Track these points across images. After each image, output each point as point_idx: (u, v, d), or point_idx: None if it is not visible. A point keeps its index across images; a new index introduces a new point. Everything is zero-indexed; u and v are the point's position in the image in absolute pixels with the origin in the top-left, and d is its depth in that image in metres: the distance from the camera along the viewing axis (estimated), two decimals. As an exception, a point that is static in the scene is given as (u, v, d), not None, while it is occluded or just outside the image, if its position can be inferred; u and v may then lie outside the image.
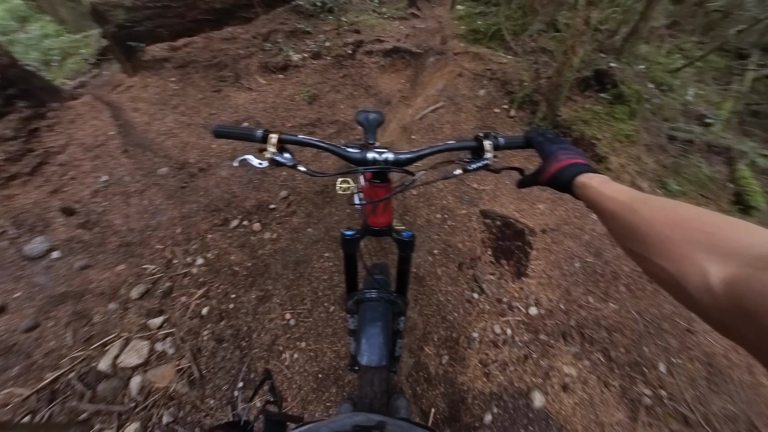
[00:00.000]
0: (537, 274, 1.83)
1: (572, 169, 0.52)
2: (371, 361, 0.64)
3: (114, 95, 3.09)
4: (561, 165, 0.54)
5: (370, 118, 1.20)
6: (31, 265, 1.91)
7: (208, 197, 2.18)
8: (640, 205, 0.37)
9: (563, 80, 2.33)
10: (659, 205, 0.36)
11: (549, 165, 0.56)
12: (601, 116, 2.55)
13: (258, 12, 4.03)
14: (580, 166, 0.52)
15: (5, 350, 1.60)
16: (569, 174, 0.52)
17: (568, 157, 0.54)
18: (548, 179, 0.56)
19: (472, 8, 4.34)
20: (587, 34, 2.19)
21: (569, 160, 0.54)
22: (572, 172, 0.51)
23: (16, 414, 1.43)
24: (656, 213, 0.35)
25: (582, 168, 0.52)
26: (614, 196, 0.42)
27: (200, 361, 1.49)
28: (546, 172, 0.56)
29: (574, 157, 0.55)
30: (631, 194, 0.41)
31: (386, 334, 0.69)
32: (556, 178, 0.54)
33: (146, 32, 3.52)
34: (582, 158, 0.55)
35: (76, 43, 5.04)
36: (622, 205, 0.39)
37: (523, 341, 1.61)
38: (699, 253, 0.28)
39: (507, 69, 3.02)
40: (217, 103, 2.96)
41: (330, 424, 0.49)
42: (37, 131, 2.47)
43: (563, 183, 0.53)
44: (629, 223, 0.37)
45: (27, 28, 5.75)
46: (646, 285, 1.89)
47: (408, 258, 0.76)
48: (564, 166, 0.53)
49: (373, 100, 3.19)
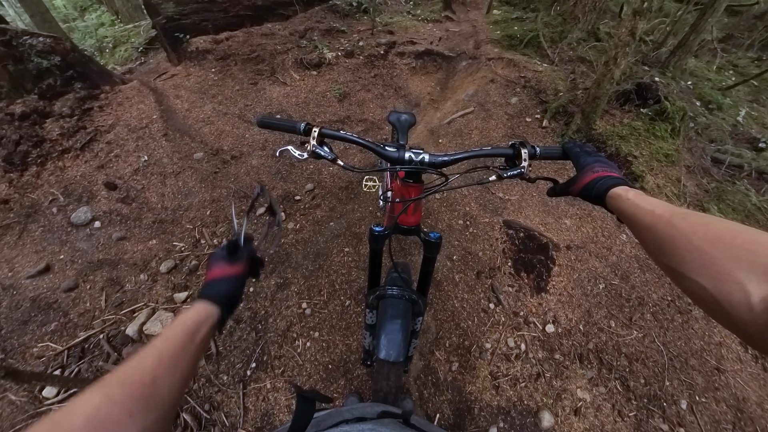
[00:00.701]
0: (557, 291, 1.77)
1: (607, 180, 0.51)
2: (389, 355, 0.65)
3: (158, 82, 3.28)
4: (595, 176, 0.53)
5: (401, 119, 1.21)
6: (76, 231, 2.07)
7: (238, 184, 2.27)
8: (679, 219, 0.36)
9: (602, 92, 2.24)
10: (699, 220, 0.34)
11: (583, 175, 0.55)
12: (639, 132, 2.43)
13: (296, 10, 4.17)
14: (616, 179, 0.52)
15: (46, 306, 1.74)
16: (603, 185, 0.51)
17: (604, 170, 0.54)
18: (581, 189, 0.55)
19: (509, 13, 4.28)
20: (632, 45, 2.10)
21: (604, 173, 0.53)
22: (607, 183, 0.51)
23: (49, 366, 1.55)
24: (696, 228, 0.34)
25: (617, 181, 0.51)
26: (651, 209, 0.41)
27: (218, 339, 1.56)
28: (579, 182, 0.56)
29: (609, 170, 0.54)
30: (669, 208, 0.40)
31: (405, 331, 0.69)
32: (589, 188, 0.53)
33: (192, 25, 3.74)
34: (617, 172, 0.54)
35: (127, 32, 5.42)
36: (660, 218, 0.38)
37: (536, 358, 1.56)
38: (740, 270, 0.28)
39: (542, 77, 2.94)
40: (252, 95, 3.09)
41: (353, 410, 0.50)
42: (90, 111, 2.67)
43: (596, 194, 0.52)
44: (667, 237, 0.36)
45: (86, 17, 6.26)
46: (675, 316, 1.78)
47: (433, 259, 0.76)
48: (598, 177, 0.53)
49: (402, 102, 3.20)
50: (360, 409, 0.51)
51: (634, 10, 2.00)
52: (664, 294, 1.84)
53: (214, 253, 0.53)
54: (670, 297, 1.84)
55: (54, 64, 2.53)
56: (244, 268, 0.51)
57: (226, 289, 0.46)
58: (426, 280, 0.79)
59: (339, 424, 0.44)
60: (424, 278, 0.78)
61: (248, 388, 1.43)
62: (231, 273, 0.48)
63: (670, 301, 1.82)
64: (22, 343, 1.61)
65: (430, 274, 0.78)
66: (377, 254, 0.77)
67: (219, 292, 0.45)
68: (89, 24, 5.96)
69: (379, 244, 0.76)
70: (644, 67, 2.95)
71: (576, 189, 0.56)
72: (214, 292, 0.45)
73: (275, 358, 1.48)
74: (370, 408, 0.52)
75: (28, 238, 2.04)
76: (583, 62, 3.16)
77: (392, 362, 0.66)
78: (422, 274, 0.78)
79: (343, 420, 0.46)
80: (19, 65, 2.44)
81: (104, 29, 5.73)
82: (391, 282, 0.79)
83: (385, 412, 0.48)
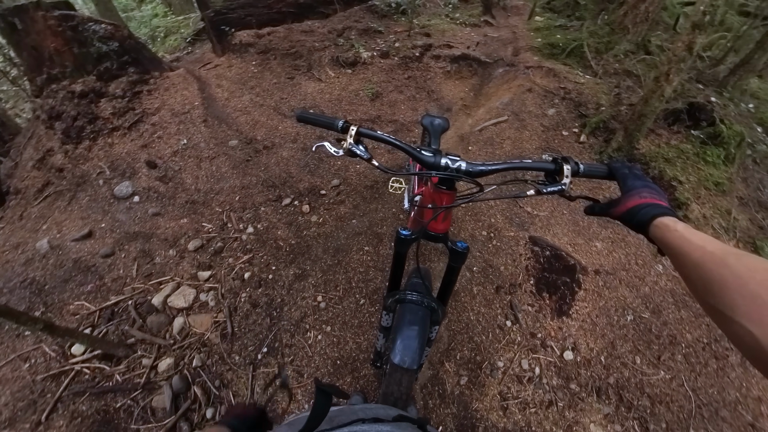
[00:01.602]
0: (581, 317, 1.68)
1: (653, 209, 0.49)
2: (404, 361, 0.64)
3: (202, 71, 3.46)
4: (642, 202, 0.51)
5: (435, 124, 1.19)
6: (117, 203, 2.22)
7: (267, 173, 2.35)
8: (734, 259, 0.34)
9: (649, 110, 2.11)
10: (757, 264, 0.32)
11: (628, 199, 0.53)
12: (688, 156, 2.26)
13: (336, 9, 4.26)
14: (663, 208, 0.49)
15: (86, 268, 1.88)
16: (649, 213, 0.49)
17: (652, 197, 0.51)
18: (623, 213, 0.53)
19: (552, 20, 4.13)
20: (688, 61, 1.96)
21: (651, 200, 0.51)
22: (652, 212, 0.48)
23: (81, 324, 1.68)
24: (753, 272, 0.31)
25: (664, 210, 0.48)
26: (702, 244, 0.39)
27: (234, 319, 1.61)
28: (623, 205, 0.53)
29: (657, 198, 0.52)
30: (722, 246, 0.37)
31: (422, 339, 0.68)
32: (632, 213, 0.51)
33: (237, 19, 3.92)
34: (665, 202, 0.52)
35: (177, 23, 5.79)
36: (712, 256, 0.36)
37: (550, 385, 1.49)
38: None
39: (583, 89, 2.81)
40: (288, 89, 3.18)
41: (366, 410, 0.50)
42: (140, 94, 2.85)
43: (639, 221, 0.50)
44: (717, 277, 0.34)
45: (142, 8, 6.75)
46: (710, 360, 1.64)
47: (458, 269, 0.74)
48: (644, 203, 0.50)
49: (434, 105, 3.18)
50: (374, 410, 0.51)
51: (693, 23, 1.87)
52: (699, 335, 1.70)
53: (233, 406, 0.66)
54: (706, 339, 1.69)
55: (112, 49, 2.73)
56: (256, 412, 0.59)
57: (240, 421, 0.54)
58: (447, 290, 0.77)
59: (354, 422, 0.44)
60: (445, 287, 0.77)
61: (257, 371, 1.47)
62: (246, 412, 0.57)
63: (705, 344, 1.68)
64: (62, 299, 1.75)
65: (452, 283, 0.76)
66: (401, 257, 0.77)
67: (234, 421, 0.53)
68: (145, 14, 6.42)
69: (405, 247, 0.75)
70: (698, 85, 2.74)
71: (618, 212, 0.54)
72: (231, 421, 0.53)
73: (286, 346, 1.51)
74: (384, 410, 0.52)
75: (76, 205, 2.22)
76: (630, 76, 2.98)
77: (406, 368, 0.65)
78: (444, 283, 0.77)
79: (358, 419, 0.45)
80: (82, 48, 2.65)
81: (157, 20, 6.14)
82: (412, 287, 0.78)
83: (402, 416, 0.47)
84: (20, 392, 1.45)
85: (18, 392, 1.45)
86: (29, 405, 1.41)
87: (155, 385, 1.44)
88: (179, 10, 6.39)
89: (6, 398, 1.43)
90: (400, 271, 0.79)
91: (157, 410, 1.39)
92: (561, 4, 4.48)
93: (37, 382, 1.46)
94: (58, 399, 1.41)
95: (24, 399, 1.42)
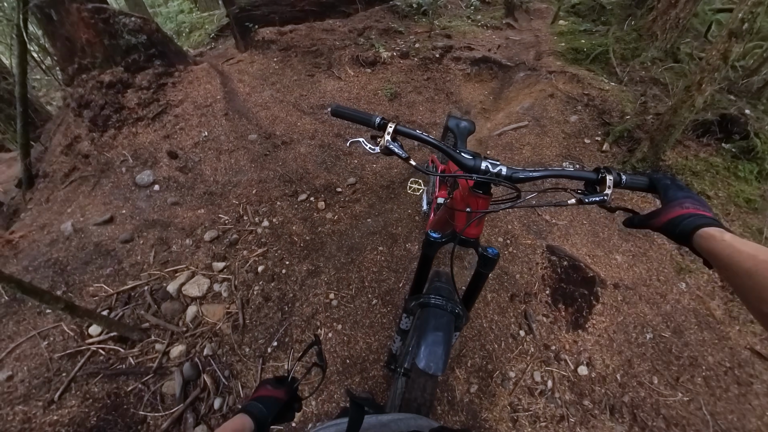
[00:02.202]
0: (597, 331, 1.63)
1: (697, 219, 0.48)
2: (429, 367, 0.63)
3: (225, 66, 3.53)
4: (684, 212, 0.50)
5: (461, 126, 1.17)
6: (138, 191, 2.28)
7: (285, 168, 2.37)
8: None
9: (678, 120, 2.03)
10: None
11: (670, 210, 0.52)
12: (718, 170, 2.16)
13: (358, 8, 4.28)
14: (708, 218, 0.48)
15: (106, 252, 1.93)
16: (692, 223, 0.47)
17: (695, 207, 0.50)
18: (664, 224, 0.51)
19: (577, 25, 4.04)
20: (722, 70, 1.88)
21: (695, 210, 0.49)
22: (696, 222, 0.47)
23: (99, 306, 1.72)
24: None
25: (709, 221, 0.47)
26: (754, 253, 0.38)
27: (246, 312, 1.63)
28: (664, 216, 0.52)
29: (701, 208, 0.50)
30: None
31: (447, 344, 0.66)
32: (674, 224, 0.50)
33: (261, 16, 3.99)
34: (710, 212, 0.50)
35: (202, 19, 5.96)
36: (765, 264, 0.35)
37: (563, 400, 1.44)
38: None
39: (608, 97, 2.74)
40: (308, 86, 3.21)
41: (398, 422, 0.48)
42: (165, 86, 2.93)
43: (682, 231, 0.48)
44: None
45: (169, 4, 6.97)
46: (732, 386, 1.56)
47: (486, 276, 0.72)
48: (687, 213, 0.49)
49: (453, 107, 3.15)
50: (405, 422, 0.49)
51: (730, 30, 1.79)
52: (722, 359, 1.62)
53: (265, 379, 0.63)
54: (729, 364, 1.62)
55: (140, 42, 2.81)
56: (284, 396, 0.58)
57: (265, 407, 0.53)
58: (473, 296, 0.75)
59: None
60: (471, 293, 0.75)
61: (266, 364, 1.47)
62: (273, 395, 0.56)
63: (728, 368, 1.60)
64: (82, 281, 1.80)
65: (479, 289, 0.74)
66: (428, 260, 0.75)
67: (258, 408, 0.52)
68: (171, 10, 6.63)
69: (434, 250, 0.73)
70: (729, 96, 2.63)
71: (658, 222, 0.53)
72: (254, 408, 0.52)
73: (296, 342, 1.51)
74: (414, 420, 0.50)
75: (99, 191, 2.28)
76: (657, 84, 2.89)
77: (431, 375, 0.63)
78: (471, 289, 0.75)
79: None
80: (112, 40, 2.74)
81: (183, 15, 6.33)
82: (436, 291, 0.77)
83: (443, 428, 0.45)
84: (37, 369, 1.49)
85: (35, 369, 1.49)
86: (44, 383, 1.44)
87: (167, 371, 1.47)
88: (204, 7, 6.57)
89: (23, 374, 1.48)
90: (425, 274, 0.77)
91: (167, 396, 1.41)
92: (586, 8, 4.39)
93: (53, 360, 1.51)
94: (72, 379, 1.44)
95: (40, 376, 1.46)
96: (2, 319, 1.66)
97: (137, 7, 5.30)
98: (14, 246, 1.99)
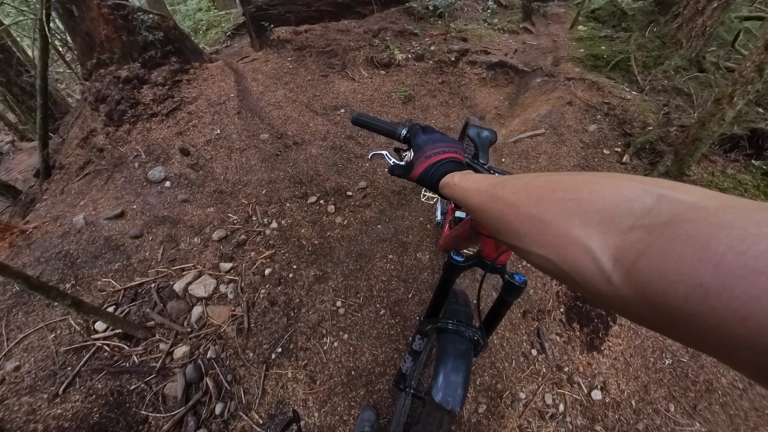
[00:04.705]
0: (613, 354, 1.55)
1: (442, 167, 0.46)
2: (447, 401, 0.58)
3: (240, 64, 3.54)
4: (430, 161, 0.47)
5: (482, 136, 1.12)
6: (149, 186, 2.29)
7: (295, 169, 2.35)
8: (501, 189, 0.32)
9: (705, 134, 1.94)
10: (520, 183, 0.30)
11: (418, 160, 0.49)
12: (746, 187, 2.06)
13: (373, 9, 4.26)
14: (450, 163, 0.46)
15: (115, 247, 1.94)
16: (437, 173, 0.46)
17: (441, 152, 0.48)
18: (419, 177, 0.49)
19: (597, 30, 3.94)
20: (756, 83, 1.79)
21: (439, 156, 0.47)
22: (440, 171, 0.46)
23: (106, 301, 1.72)
24: (518, 193, 0.29)
25: (451, 166, 0.46)
26: (476, 186, 0.36)
27: (252, 315, 1.60)
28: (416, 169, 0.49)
29: (447, 151, 0.48)
30: (492, 180, 0.35)
31: (466, 375, 0.62)
32: (425, 176, 0.48)
33: (277, 15, 4.00)
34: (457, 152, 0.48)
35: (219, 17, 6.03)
36: (485, 194, 0.34)
37: (574, 424, 1.38)
38: (575, 228, 0.22)
39: (629, 106, 2.66)
40: (321, 86, 3.19)
41: None
42: (180, 83, 2.94)
43: (430, 183, 0.47)
44: (497, 213, 0.31)
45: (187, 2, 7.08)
46: (750, 413, 1.48)
47: (511, 303, 0.67)
48: (433, 162, 0.47)
49: (467, 113, 3.10)
50: None
51: (766, 41, 1.70)
52: (733, 379, 1.55)
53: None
54: (741, 385, 1.54)
55: (158, 38, 2.83)
56: None
57: None
58: (494, 322, 0.70)
59: None
60: (493, 319, 0.70)
61: (270, 371, 1.44)
62: None
63: (741, 390, 1.52)
64: (91, 274, 1.81)
65: (501, 317, 0.69)
66: (449, 283, 0.70)
67: None
68: (189, 8, 6.74)
69: (456, 274, 0.68)
70: (758, 109, 2.52)
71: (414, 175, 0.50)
72: None
73: (301, 349, 1.48)
74: None
75: (112, 185, 2.30)
76: (680, 94, 2.78)
77: (448, 410, 0.59)
78: (492, 315, 0.70)
79: None
80: (130, 36, 2.77)
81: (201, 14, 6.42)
82: (453, 314, 0.72)
83: None
84: (43, 362, 1.49)
85: (41, 361, 1.49)
86: (50, 375, 1.45)
87: (170, 372, 1.45)
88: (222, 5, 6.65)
89: (30, 366, 1.48)
90: (444, 297, 0.72)
91: (169, 398, 1.39)
92: (606, 14, 4.28)
93: (59, 354, 1.51)
94: (77, 373, 1.44)
95: (45, 369, 1.46)
96: (12, 309, 1.68)
97: (157, 5, 5.39)
98: (28, 236, 2.01)
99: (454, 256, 0.66)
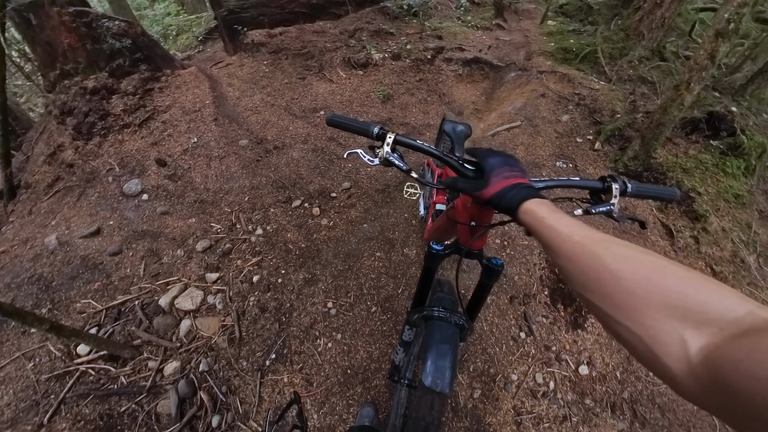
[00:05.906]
0: (596, 330, 1.64)
1: (519, 192, 0.45)
2: (436, 384, 0.61)
3: (214, 70, 3.45)
4: (507, 183, 0.47)
5: (457, 130, 1.15)
6: (126, 201, 2.21)
7: (278, 174, 2.32)
8: (602, 249, 0.31)
9: (667, 118, 2.06)
10: (626, 253, 0.30)
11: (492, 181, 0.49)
12: (707, 167, 2.21)
13: (348, 10, 4.25)
14: (528, 189, 0.46)
15: (93, 266, 1.86)
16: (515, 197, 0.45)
17: (515, 176, 0.48)
18: (491, 198, 0.48)
19: (565, 25, 4.10)
20: (709, 69, 1.92)
21: (516, 180, 0.47)
22: (519, 195, 0.45)
23: (87, 323, 1.65)
24: (623, 263, 0.29)
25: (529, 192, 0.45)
26: (569, 232, 0.36)
27: (242, 324, 1.58)
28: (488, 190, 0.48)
29: (520, 175, 0.48)
30: (587, 232, 0.35)
31: (453, 359, 0.65)
32: (499, 197, 0.47)
33: (250, 18, 3.92)
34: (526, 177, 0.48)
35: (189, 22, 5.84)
36: (581, 247, 0.33)
37: (565, 400, 1.45)
38: (674, 318, 0.25)
39: (598, 96, 2.78)
40: (299, 89, 3.16)
41: None
42: (151, 91, 2.85)
43: (507, 206, 0.46)
44: (591, 273, 0.31)
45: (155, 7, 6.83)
46: None
47: (491, 286, 0.71)
48: (510, 185, 0.47)
49: (446, 108, 3.15)
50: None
51: (716, 31, 1.83)
52: None
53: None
54: None
55: (125, 46, 2.73)
56: None
57: None
58: (477, 306, 0.74)
59: None
60: (475, 303, 0.73)
61: (265, 378, 1.43)
62: None
63: None
64: (69, 297, 1.73)
65: (483, 300, 0.73)
66: (431, 272, 0.73)
67: None
68: (157, 13, 6.50)
69: (437, 263, 0.71)
70: (714, 93, 2.69)
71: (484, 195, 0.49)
72: None
73: (295, 353, 1.47)
74: None
75: (85, 202, 2.21)
76: (645, 83, 2.94)
77: (438, 392, 0.62)
78: (475, 299, 0.73)
79: None
80: (95, 45, 2.66)
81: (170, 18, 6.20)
82: (438, 302, 0.75)
83: None
84: (23, 392, 1.42)
85: (21, 392, 1.42)
86: (32, 406, 1.38)
87: (161, 389, 1.41)
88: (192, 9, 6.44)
89: (9, 398, 1.41)
90: (427, 286, 0.75)
91: (162, 416, 1.36)
92: (574, 9, 4.45)
93: (41, 383, 1.44)
94: (62, 401, 1.38)
95: (27, 399, 1.40)
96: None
97: (122, 10, 5.16)
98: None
99: (434, 246, 0.69)
